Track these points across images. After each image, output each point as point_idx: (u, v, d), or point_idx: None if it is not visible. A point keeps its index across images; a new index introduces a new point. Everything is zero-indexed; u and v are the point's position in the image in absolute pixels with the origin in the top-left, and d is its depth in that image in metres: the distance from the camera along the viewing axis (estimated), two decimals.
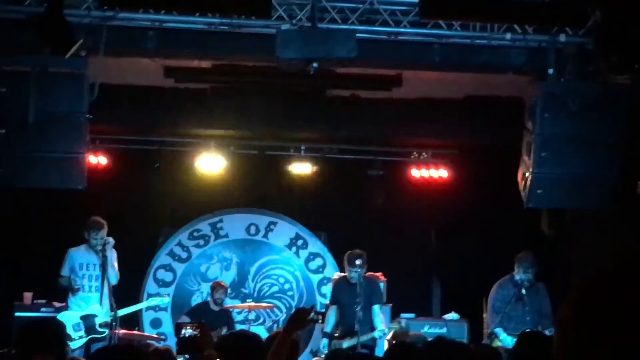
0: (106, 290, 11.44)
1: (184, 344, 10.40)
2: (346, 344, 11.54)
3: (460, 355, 4.22)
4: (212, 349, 5.85)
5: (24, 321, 9.43)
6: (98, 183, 12.31)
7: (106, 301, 11.46)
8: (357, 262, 11.64)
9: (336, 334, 11.85)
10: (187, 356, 10.20)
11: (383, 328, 11.60)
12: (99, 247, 11.42)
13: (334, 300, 12.19)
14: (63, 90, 9.45)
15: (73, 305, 11.63)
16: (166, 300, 13.42)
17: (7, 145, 9.41)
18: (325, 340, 11.84)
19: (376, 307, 11.88)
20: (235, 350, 5.23)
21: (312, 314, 6.31)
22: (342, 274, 12.40)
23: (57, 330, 5.42)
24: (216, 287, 13.31)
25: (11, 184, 9.86)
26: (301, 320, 6.19)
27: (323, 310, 13.82)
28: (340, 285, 12.18)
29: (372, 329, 11.60)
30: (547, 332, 9.20)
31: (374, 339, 11.64)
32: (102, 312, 11.45)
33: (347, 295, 11.83)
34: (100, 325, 11.40)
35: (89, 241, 11.56)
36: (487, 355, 6.76)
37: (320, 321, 6.74)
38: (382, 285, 13.07)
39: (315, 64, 9.21)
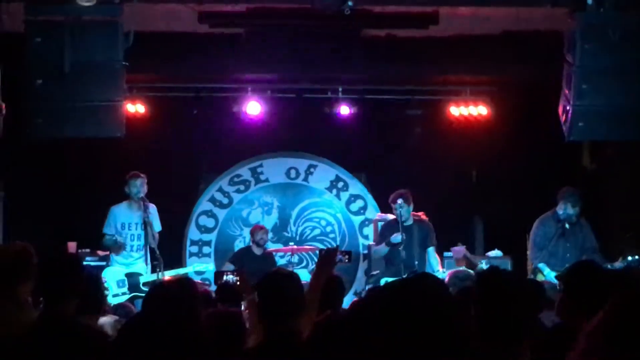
0: (149, 248, 11.51)
1: (223, 291, 10.39)
2: None
3: (512, 286, 4.15)
4: (251, 294, 5.82)
5: None
6: (137, 132, 12.35)
7: (149, 260, 11.54)
8: (399, 200, 11.73)
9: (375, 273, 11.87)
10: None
11: (440, 269, 11.63)
12: (141, 195, 11.45)
13: (382, 239, 12.15)
14: (98, 39, 9.42)
15: (115, 263, 11.71)
16: (211, 267, 13.39)
17: (44, 95, 9.42)
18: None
19: (431, 250, 11.94)
20: (271, 288, 5.21)
21: (338, 255, 6.30)
22: (392, 216, 12.39)
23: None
24: (255, 230, 13.35)
25: (50, 135, 9.88)
26: (328, 262, 6.17)
27: (365, 251, 13.87)
28: (391, 227, 12.17)
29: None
30: None
31: None
32: (146, 271, 11.51)
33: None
34: (144, 284, 11.43)
35: (130, 193, 11.59)
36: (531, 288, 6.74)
37: (347, 261, 6.70)
38: None
39: (350, 3, 9.11)
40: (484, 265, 11.52)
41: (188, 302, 4.66)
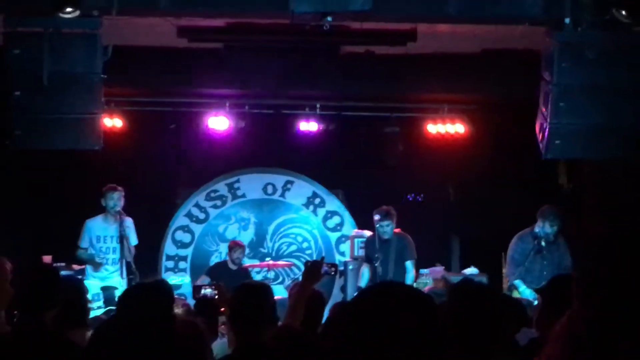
0: (124, 262, 11.47)
1: (202, 305, 10.36)
2: None
3: (488, 300, 4.14)
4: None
5: None
6: (114, 145, 12.30)
7: (125, 273, 11.50)
8: (376, 217, 11.83)
9: None
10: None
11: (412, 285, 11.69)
12: (118, 208, 11.42)
13: (366, 257, 12.39)
14: (77, 51, 9.38)
15: (91, 277, 11.65)
16: (187, 280, 13.36)
17: (22, 107, 9.37)
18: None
19: (409, 264, 12.01)
20: (240, 299, 5.20)
21: (324, 267, 6.27)
22: (368, 233, 12.52)
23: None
24: (233, 246, 13.33)
25: (27, 146, 9.83)
26: (314, 273, 6.15)
27: (342, 268, 13.89)
28: (370, 243, 12.27)
29: None
30: None
31: None
32: (122, 285, 11.46)
33: (374, 252, 11.95)
34: None
35: (106, 206, 11.55)
36: (510, 306, 6.72)
37: (333, 274, 6.68)
38: None
39: (329, 18, 9.10)
40: None
41: (163, 303, 4.63)
